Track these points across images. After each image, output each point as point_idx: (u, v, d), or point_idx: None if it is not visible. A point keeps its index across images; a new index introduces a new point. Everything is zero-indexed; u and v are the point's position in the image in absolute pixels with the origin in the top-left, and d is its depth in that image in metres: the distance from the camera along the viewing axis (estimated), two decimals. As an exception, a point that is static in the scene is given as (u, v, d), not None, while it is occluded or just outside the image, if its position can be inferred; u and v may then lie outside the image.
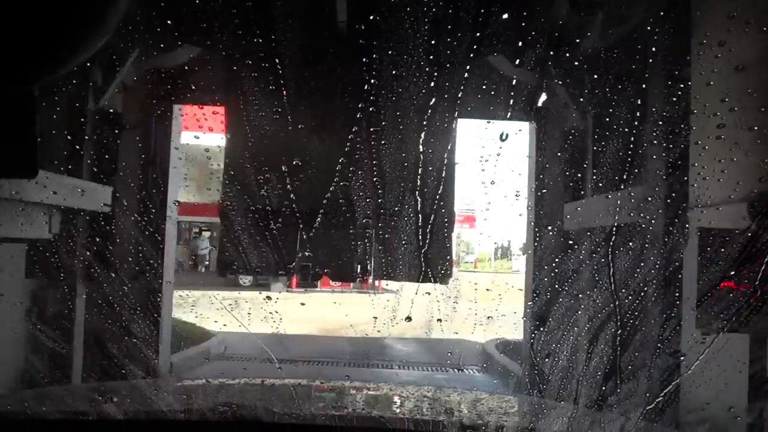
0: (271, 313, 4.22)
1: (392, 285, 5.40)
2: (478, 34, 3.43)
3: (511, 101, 3.91)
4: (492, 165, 3.49)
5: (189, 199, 8.98)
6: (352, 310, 6.55)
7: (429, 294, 4.36)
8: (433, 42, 3.48)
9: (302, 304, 4.79)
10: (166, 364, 4.84)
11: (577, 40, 3.84)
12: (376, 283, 7.32)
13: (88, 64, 3.92)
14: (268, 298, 4.26)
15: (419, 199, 4.11)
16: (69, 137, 4.13)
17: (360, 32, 3.73)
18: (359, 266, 4.65)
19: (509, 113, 4.00)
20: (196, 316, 6.18)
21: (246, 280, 11.90)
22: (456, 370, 6.10)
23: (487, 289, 4.22)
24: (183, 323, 6.33)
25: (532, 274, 4.60)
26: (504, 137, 3.18)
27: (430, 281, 4.40)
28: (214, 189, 4.69)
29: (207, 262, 14.29)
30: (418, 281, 4.35)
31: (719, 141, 2.65)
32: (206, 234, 14.91)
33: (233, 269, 5.10)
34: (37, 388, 3.47)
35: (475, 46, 3.44)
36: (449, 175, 4.34)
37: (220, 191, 4.63)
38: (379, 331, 4.81)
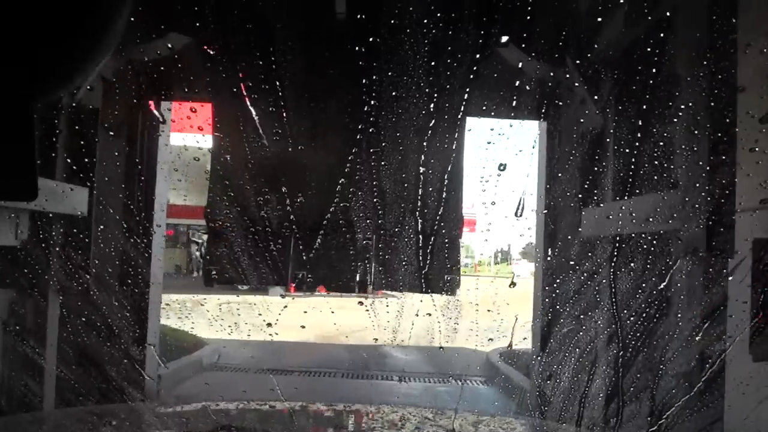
0: (269, 324, 4.22)
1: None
2: (478, 56, 3.47)
3: (522, 101, 3.86)
4: (497, 165, 3.48)
5: (186, 203, 9.00)
6: (351, 316, 6.61)
7: (431, 312, 4.41)
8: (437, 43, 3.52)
9: (302, 327, 4.82)
10: (153, 376, 4.86)
11: (599, 36, 3.79)
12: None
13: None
14: (267, 311, 4.28)
15: (422, 203, 4.12)
16: (41, 134, 3.93)
17: (360, 29, 3.74)
18: (359, 277, 4.67)
19: (519, 113, 3.96)
20: (191, 324, 6.20)
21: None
22: (459, 381, 6.16)
23: (491, 308, 4.26)
24: (174, 331, 6.35)
25: (541, 283, 4.54)
26: (502, 168, 3.20)
27: (434, 292, 4.40)
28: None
29: (204, 266, 14.40)
30: (421, 292, 4.39)
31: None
32: (204, 237, 15.00)
33: (221, 280, 5.02)
34: (35, 412, 3.51)
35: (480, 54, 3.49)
36: (456, 178, 4.33)
37: (207, 198, 4.59)
38: (376, 340, 4.85)
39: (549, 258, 4.33)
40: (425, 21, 3.39)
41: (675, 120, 3.21)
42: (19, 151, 0.79)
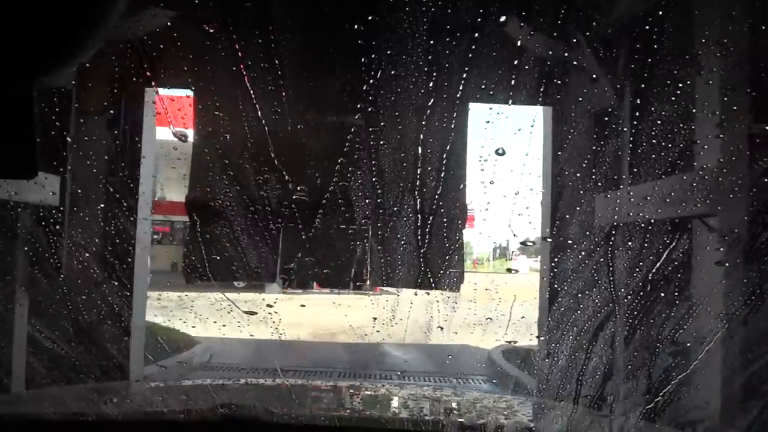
0: (269, 321, 4.25)
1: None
2: (477, 34, 3.55)
3: (527, 83, 3.84)
4: (499, 150, 3.53)
5: (183, 199, 8.99)
6: (350, 313, 6.68)
7: (428, 294, 4.49)
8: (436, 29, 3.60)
9: (302, 305, 4.89)
10: (138, 377, 4.78)
11: (611, 11, 3.85)
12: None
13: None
14: (268, 305, 4.32)
15: (420, 199, 4.17)
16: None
17: (358, 7, 3.78)
18: (355, 272, 4.71)
19: (524, 96, 3.97)
20: (184, 321, 6.23)
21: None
22: (460, 380, 6.25)
23: (487, 290, 4.35)
24: (164, 330, 6.39)
25: (548, 274, 4.50)
26: (501, 152, 3.27)
27: (437, 288, 4.45)
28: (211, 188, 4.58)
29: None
30: (419, 288, 4.43)
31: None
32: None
33: (203, 276, 4.98)
34: (35, 390, 3.59)
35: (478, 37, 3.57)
36: (458, 168, 4.38)
37: (189, 187, 4.59)
38: (379, 338, 4.92)
39: (567, 231, 4.35)
40: None
41: (706, 98, 3.20)
42: (20, 131, 0.84)
